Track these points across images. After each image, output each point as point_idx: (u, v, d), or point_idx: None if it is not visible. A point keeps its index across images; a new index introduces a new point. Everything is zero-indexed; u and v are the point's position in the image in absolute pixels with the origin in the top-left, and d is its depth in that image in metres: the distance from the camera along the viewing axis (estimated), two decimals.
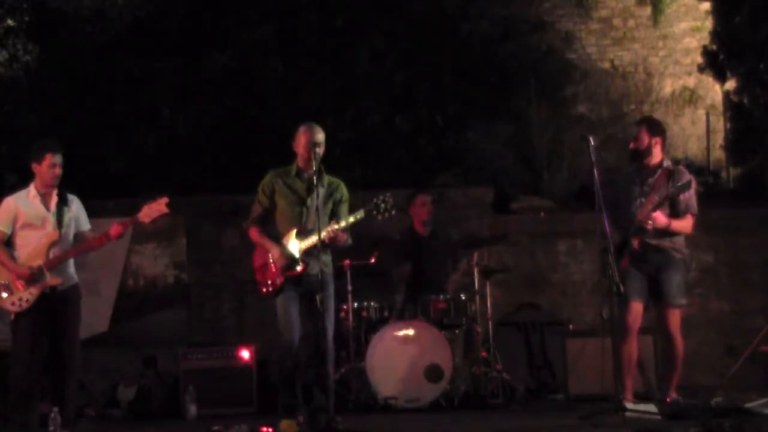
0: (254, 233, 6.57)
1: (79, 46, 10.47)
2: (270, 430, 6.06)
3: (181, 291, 9.10)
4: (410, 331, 7.33)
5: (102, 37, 10.53)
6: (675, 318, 6.49)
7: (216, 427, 6.25)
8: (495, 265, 8.23)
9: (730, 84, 10.66)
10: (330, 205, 6.50)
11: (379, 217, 6.29)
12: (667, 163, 6.59)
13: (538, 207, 9.57)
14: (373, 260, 7.76)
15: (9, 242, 6.45)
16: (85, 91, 10.40)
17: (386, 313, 7.63)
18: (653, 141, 6.53)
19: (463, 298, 7.60)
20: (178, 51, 10.64)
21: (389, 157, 10.65)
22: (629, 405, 6.15)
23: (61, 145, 6.60)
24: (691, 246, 8.98)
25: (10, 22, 10.49)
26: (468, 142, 10.77)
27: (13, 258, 6.40)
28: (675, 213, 6.42)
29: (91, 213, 6.74)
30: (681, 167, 6.69)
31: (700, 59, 10.82)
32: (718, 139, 11.23)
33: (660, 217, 6.31)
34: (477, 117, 10.92)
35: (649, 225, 6.28)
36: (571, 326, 8.14)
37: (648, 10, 11.83)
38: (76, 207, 6.58)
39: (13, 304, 6.33)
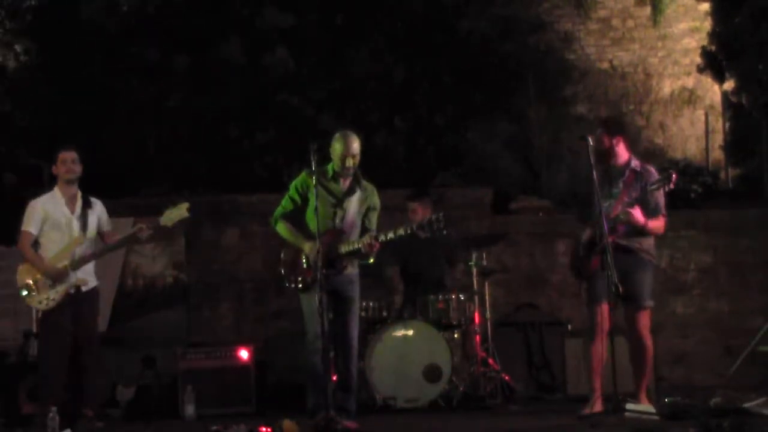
0: (283, 228, 6.48)
1: (86, 41, 10.47)
2: (269, 430, 6.06)
3: (180, 291, 9.09)
4: (409, 332, 7.33)
5: (111, 29, 10.52)
6: (644, 319, 6.41)
7: (215, 427, 6.25)
8: (494, 266, 8.22)
9: (729, 84, 10.66)
10: (363, 209, 6.49)
11: (429, 233, 6.18)
12: (634, 163, 6.51)
13: (536, 207, 9.56)
14: (371, 260, 7.75)
15: (35, 243, 6.74)
16: (86, 89, 10.39)
17: (385, 314, 7.62)
18: (613, 141, 6.47)
19: (462, 298, 7.60)
20: (184, 45, 10.63)
21: (389, 157, 10.65)
22: (586, 411, 6.18)
23: (60, 144, 6.69)
24: (690, 248, 9.13)
25: (10, 23, 10.51)
26: (467, 142, 10.77)
27: (41, 258, 6.68)
28: (646, 214, 6.37)
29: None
30: (650, 168, 6.55)
31: (699, 60, 10.82)
32: (717, 139, 11.24)
33: (637, 213, 6.26)
34: (476, 117, 10.92)
35: (624, 220, 6.21)
36: (570, 326, 8.14)
37: (647, 11, 11.83)
38: (99, 209, 6.89)
39: (40, 302, 6.65)
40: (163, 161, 10.34)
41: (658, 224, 6.44)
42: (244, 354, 7.72)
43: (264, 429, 6.09)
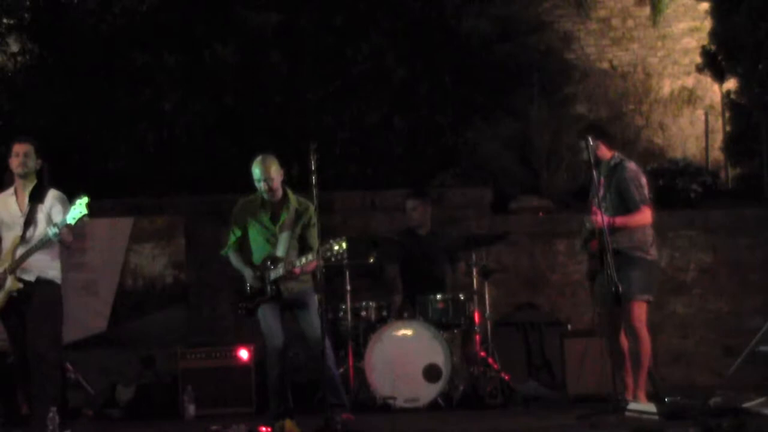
0: (233, 258, 6.85)
1: (80, 42, 10.46)
2: (269, 430, 6.06)
3: (179, 291, 9.09)
4: (409, 331, 7.33)
5: (104, 30, 10.51)
6: (637, 312, 6.40)
7: (214, 427, 6.26)
8: (494, 265, 8.22)
9: (729, 84, 10.65)
10: (298, 230, 6.67)
11: (333, 259, 6.31)
12: (614, 161, 6.56)
13: (536, 207, 9.56)
14: (371, 260, 7.76)
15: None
16: (85, 88, 10.38)
17: (384, 313, 7.63)
18: (595, 145, 6.49)
19: (462, 298, 7.61)
20: (179, 46, 10.61)
21: (388, 157, 10.64)
22: (632, 405, 6.16)
23: (60, 143, 6.62)
24: (689, 247, 9.13)
25: (8, 20, 10.49)
26: (467, 142, 10.76)
27: None
28: (626, 208, 6.41)
29: (90, 212, 6.69)
30: (627, 164, 6.57)
31: (698, 59, 10.82)
32: (717, 139, 11.22)
33: (596, 218, 6.28)
34: (477, 117, 10.90)
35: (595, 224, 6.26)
36: (569, 326, 8.14)
37: (647, 11, 11.82)
38: (50, 203, 6.46)
39: None
40: (163, 161, 10.32)
41: (635, 217, 6.43)
42: (244, 354, 7.73)
43: (264, 429, 6.09)
